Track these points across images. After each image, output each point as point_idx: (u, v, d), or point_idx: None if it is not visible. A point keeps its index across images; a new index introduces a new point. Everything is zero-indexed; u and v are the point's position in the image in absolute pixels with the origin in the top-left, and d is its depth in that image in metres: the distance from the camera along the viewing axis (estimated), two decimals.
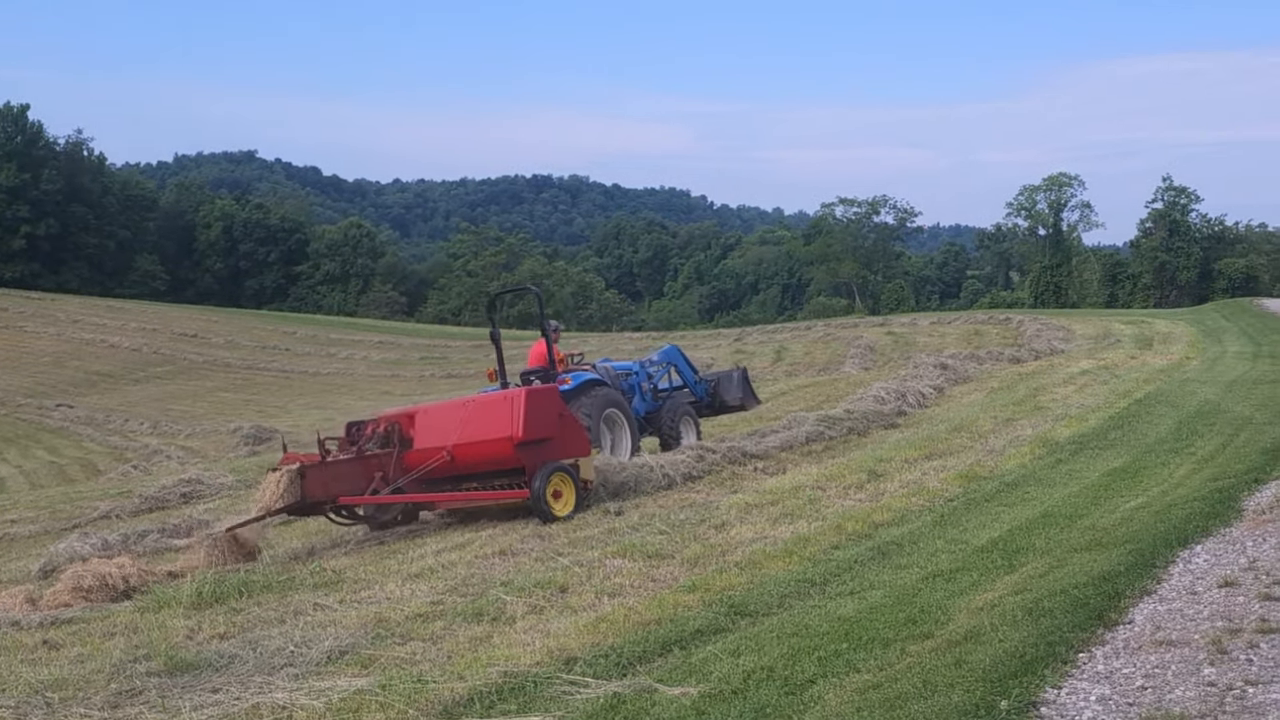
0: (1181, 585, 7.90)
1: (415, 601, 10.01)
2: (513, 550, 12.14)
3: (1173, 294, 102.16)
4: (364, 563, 12.79)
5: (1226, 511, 10.16)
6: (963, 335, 46.88)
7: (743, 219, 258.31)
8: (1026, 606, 7.61)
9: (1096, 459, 14.77)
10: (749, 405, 20.47)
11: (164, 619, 10.28)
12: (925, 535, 11.04)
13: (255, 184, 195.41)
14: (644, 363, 19.19)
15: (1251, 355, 29.36)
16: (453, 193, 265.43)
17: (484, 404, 14.83)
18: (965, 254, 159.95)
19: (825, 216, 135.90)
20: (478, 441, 14.24)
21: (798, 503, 13.00)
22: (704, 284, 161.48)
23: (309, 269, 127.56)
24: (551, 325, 17.17)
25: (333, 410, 47.17)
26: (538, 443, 13.95)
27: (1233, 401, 19.32)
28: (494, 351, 17.13)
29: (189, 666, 8.33)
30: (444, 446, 14.34)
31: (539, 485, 13.56)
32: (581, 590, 9.85)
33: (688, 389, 19.46)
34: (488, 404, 14.73)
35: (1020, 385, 24.70)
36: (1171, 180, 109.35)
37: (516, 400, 14.06)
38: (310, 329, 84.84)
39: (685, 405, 18.75)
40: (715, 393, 19.72)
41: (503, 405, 14.23)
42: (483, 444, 14.21)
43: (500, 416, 14.10)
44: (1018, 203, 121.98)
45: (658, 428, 18.11)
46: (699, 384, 19.75)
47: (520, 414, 13.81)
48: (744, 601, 8.95)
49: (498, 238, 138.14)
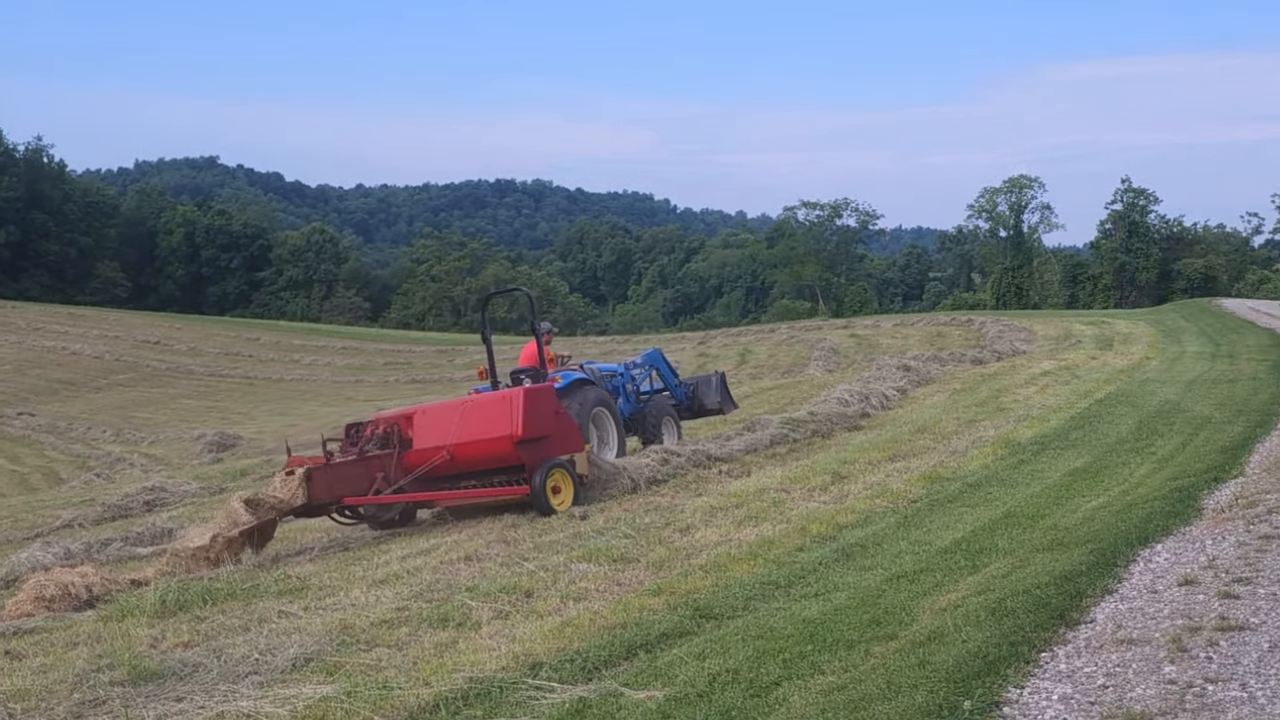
0: (1142, 584, 7.97)
1: (380, 608, 9.97)
2: (478, 555, 12.11)
3: (1133, 294, 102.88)
4: (329, 569, 12.71)
5: (1186, 510, 10.27)
6: (925, 337, 47.07)
7: (706, 222, 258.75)
8: (989, 607, 7.66)
9: (1058, 459, 14.88)
10: (727, 409, 20.75)
11: (127, 628, 10.18)
12: (889, 537, 11.10)
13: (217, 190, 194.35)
14: (628, 365, 19.60)
15: (1210, 355, 29.63)
16: (415, 198, 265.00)
17: (483, 403, 15.08)
18: (927, 256, 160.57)
19: (788, 220, 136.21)
20: (478, 440, 14.48)
21: (762, 505, 13.03)
22: (668, 288, 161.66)
23: (272, 275, 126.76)
24: (543, 327, 17.38)
25: (297, 417, 47.02)
26: (536, 440, 14.27)
27: (1192, 401, 19.51)
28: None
29: (153, 676, 8.26)
30: (444, 446, 14.58)
31: (539, 481, 13.96)
32: (547, 595, 9.84)
33: (668, 391, 19.83)
34: (486, 403, 14.99)
35: (982, 386, 24.83)
36: (1130, 182, 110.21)
37: (515, 399, 14.33)
38: (274, 335, 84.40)
39: (667, 407, 19.16)
40: (694, 396, 20.06)
41: (501, 404, 14.52)
42: (483, 442, 14.44)
43: (500, 415, 14.37)
44: (979, 205, 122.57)
45: (641, 428, 18.50)
46: (679, 387, 20.09)
47: (519, 412, 14.11)
48: (709, 604, 8.97)
49: (461, 242, 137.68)
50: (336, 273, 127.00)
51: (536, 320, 17.42)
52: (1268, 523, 9.41)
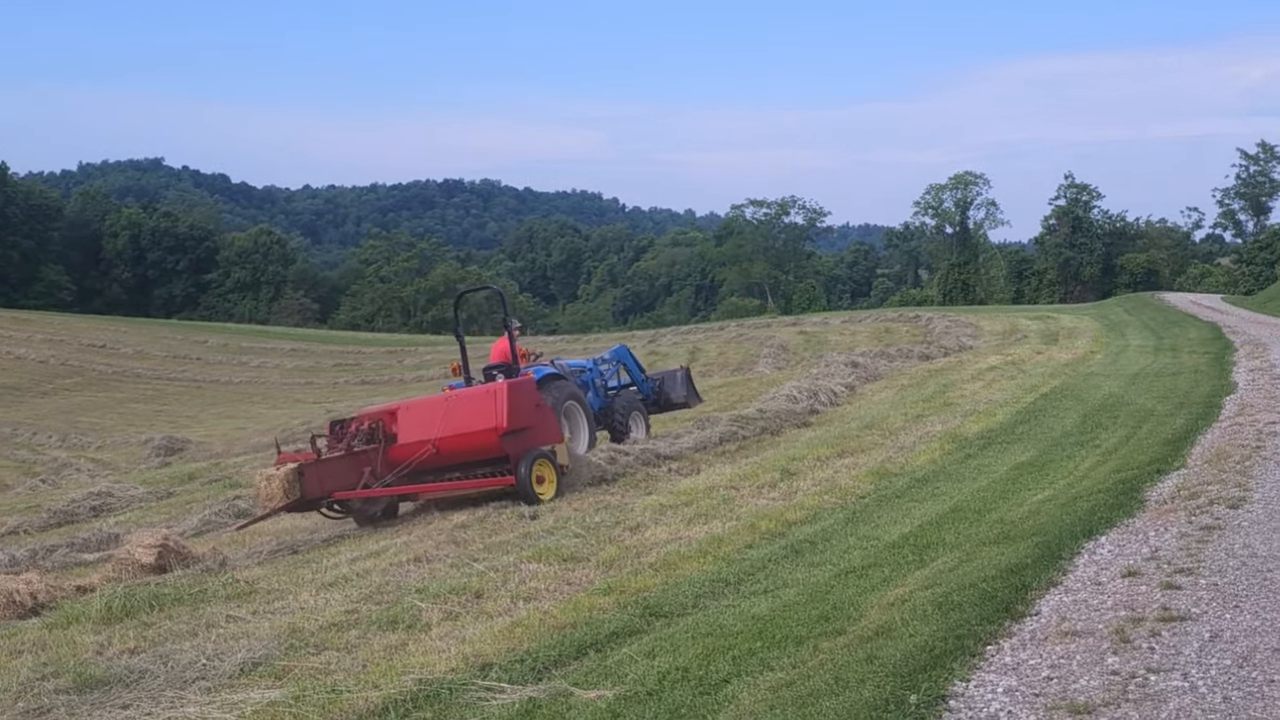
0: (1086, 576, 8.05)
1: (329, 611, 9.93)
2: (428, 557, 12.07)
3: (1077, 289, 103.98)
4: (277, 573, 12.63)
5: (1130, 502, 10.39)
6: (873, 333, 47.42)
7: (655, 221, 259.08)
8: (936, 601, 7.72)
9: (1004, 453, 15.00)
10: (692, 403, 21.05)
11: (73, 635, 10.08)
12: (838, 532, 11.15)
13: (162, 192, 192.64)
14: (596, 360, 19.94)
15: (1153, 348, 29.99)
16: (363, 198, 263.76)
17: (467, 397, 15.50)
18: (875, 253, 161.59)
19: (736, 218, 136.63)
20: (463, 433, 14.89)
21: (712, 503, 13.05)
22: (617, 286, 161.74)
23: (219, 277, 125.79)
24: (513, 324, 17.74)
25: (245, 420, 46.69)
26: (519, 432, 14.69)
27: (1136, 394, 19.72)
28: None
29: (98, 683, 8.18)
30: (429, 440, 14.97)
31: (525, 472, 14.42)
32: (497, 595, 9.82)
33: (635, 386, 20.22)
34: (470, 397, 15.41)
35: (930, 382, 25.00)
36: (1073, 178, 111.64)
37: (499, 393, 14.75)
38: (221, 338, 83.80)
39: (635, 401, 19.55)
40: (661, 390, 20.43)
41: (485, 398, 14.93)
42: (468, 435, 14.85)
43: (484, 409, 14.78)
44: (925, 202, 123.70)
45: (610, 422, 18.79)
46: (646, 382, 20.47)
47: (504, 405, 14.53)
48: (659, 603, 8.98)
49: (409, 243, 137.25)
50: (284, 274, 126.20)
51: (509, 317, 17.75)
52: (1209, 514, 9.55)
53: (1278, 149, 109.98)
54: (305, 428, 36.37)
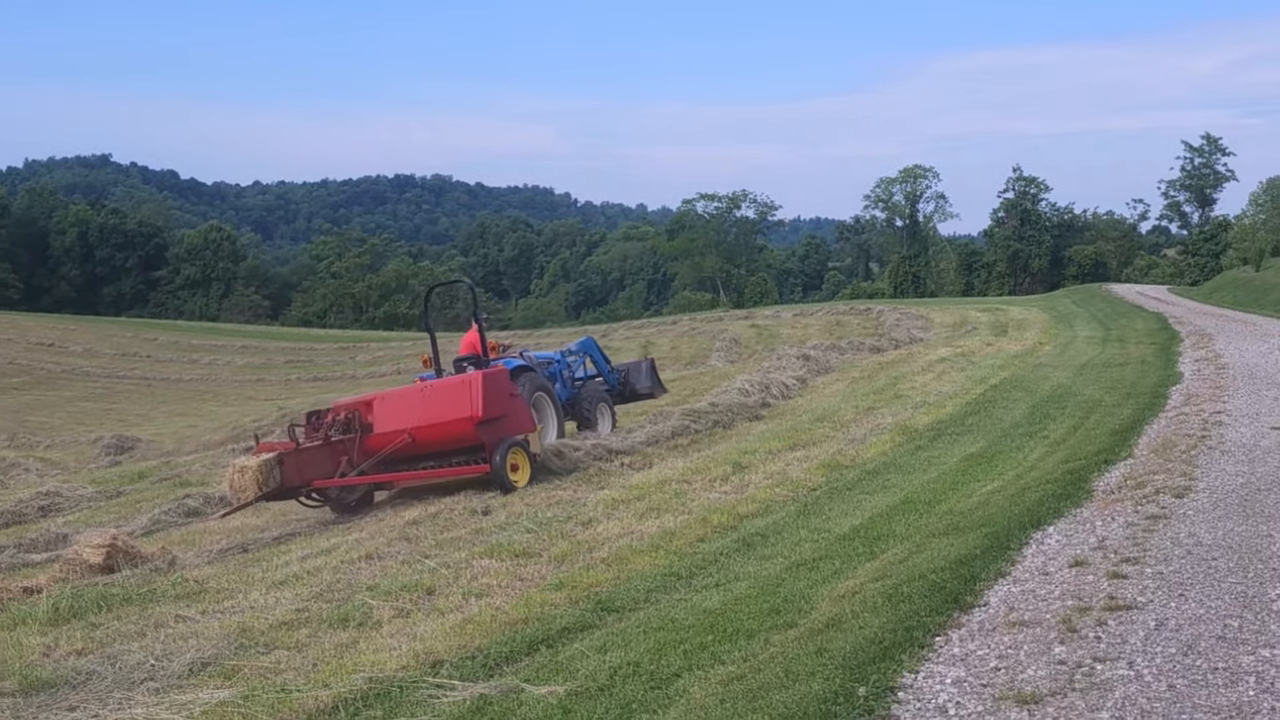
0: (1034, 566, 8.13)
1: (279, 609, 9.85)
2: (379, 554, 12.00)
3: (1026, 281, 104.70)
4: (227, 572, 12.51)
5: (1077, 493, 10.50)
6: (825, 326, 47.59)
7: (606, 216, 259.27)
8: (886, 593, 7.76)
9: (954, 445, 15.11)
10: (657, 393, 21.41)
11: (19, 636, 9.93)
12: (789, 525, 11.19)
13: (111, 189, 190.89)
14: (564, 352, 20.27)
15: (1101, 339, 30.29)
16: (314, 194, 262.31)
17: (442, 388, 15.73)
18: (826, 246, 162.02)
19: (687, 212, 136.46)
20: (439, 423, 15.18)
21: (664, 497, 13.06)
22: (570, 281, 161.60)
23: (169, 274, 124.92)
24: (483, 317, 18.10)
25: (196, 417, 46.20)
26: (494, 421, 15.04)
27: (1083, 385, 19.90)
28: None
29: (45, 685, 8.09)
30: (405, 429, 15.28)
31: (500, 460, 14.70)
32: (448, 592, 9.78)
33: (602, 378, 20.56)
34: (446, 388, 15.66)
35: (881, 374, 25.12)
36: (1021, 171, 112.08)
37: (474, 383, 15.05)
38: (172, 335, 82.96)
39: (601, 392, 19.89)
40: (626, 381, 20.84)
41: (461, 388, 15.22)
42: (444, 424, 15.14)
43: (459, 398, 15.09)
44: (875, 195, 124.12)
45: (577, 413, 19.07)
46: (611, 373, 20.83)
47: (479, 395, 14.85)
48: (611, 598, 8.99)
49: (361, 239, 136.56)
50: (235, 271, 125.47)
51: (478, 310, 18.15)
52: (1155, 503, 9.66)
53: (1222, 141, 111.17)
54: (257, 425, 36.07)
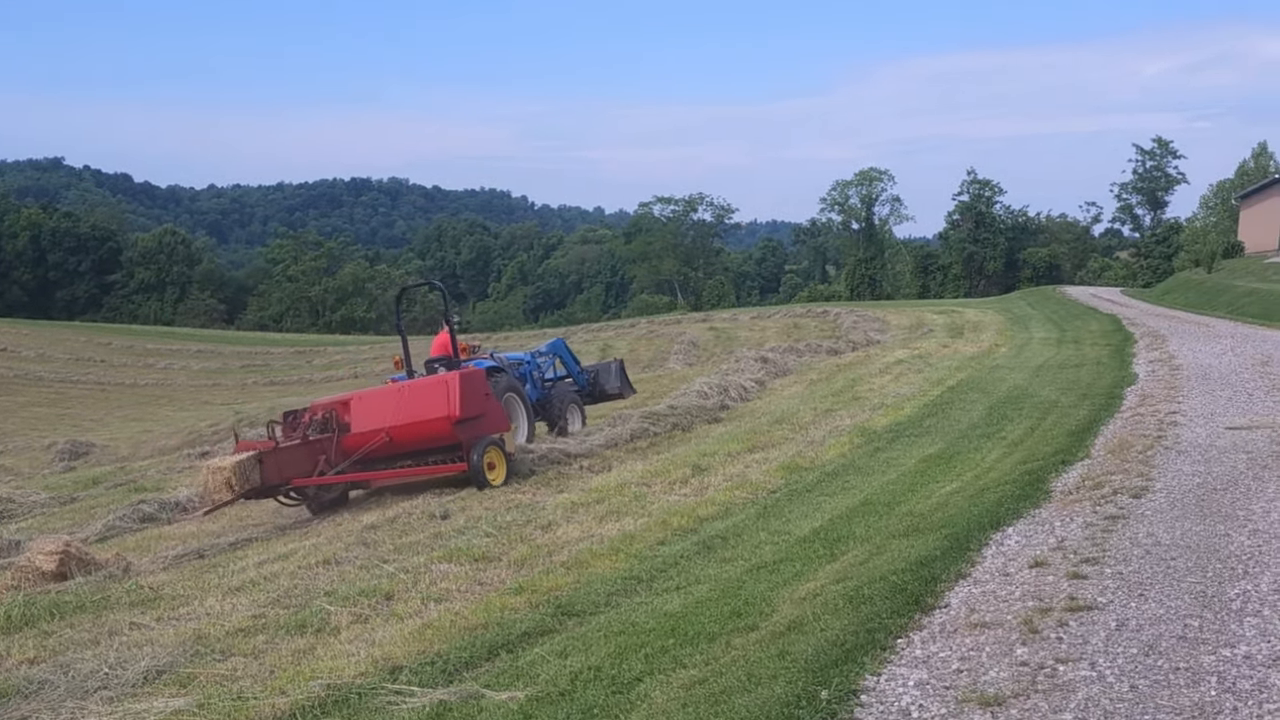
0: (994, 567, 8.13)
1: (236, 616, 9.73)
2: (337, 559, 11.88)
3: (981, 283, 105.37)
4: (183, 578, 12.36)
5: (1036, 493, 10.53)
6: (782, 329, 47.70)
7: (564, 219, 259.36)
8: (847, 595, 7.74)
9: (913, 446, 15.14)
10: (626, 394, 21.69)
11: None
12: (749, 528, 11.17)
13: (63, 192, 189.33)
14: (534, 353, 20.54)
15: (1056, 341, 30.49)
16: (270, 197, 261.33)
17: (420, 387, 15.87)
18: (782, 249, 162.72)
19: (645, 215, 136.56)
20: (416, 422, 15.35)
21: (623, 500, 13.03)
22: (528, 284, 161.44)
23: (123, 278, 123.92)
24: (453, 318, 18.26)
25: (152, 422, 45.82)
26: (471, 420, 15.24)
27: (1040, 386, 20.01)
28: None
29: None
30: (382, 429, 15.45)
31: (477, 458, 14.97)
32: (407, 597, 9.69)
33: (571, 378, 20.86)
34: (423, 387, 15.79)
35: (839, 376, 25.17)
36: (976, 174, 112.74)
37: (451, 383, 15.24)
38: (126, 339, 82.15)
39: (571, 393, 20.22)
40: (596, 382, 21.24)
41: (438, 388, 15.39)
42: (421, 424, 15.31)
43: (437, 398, 15.26)
44: (831, 198, 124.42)
45: (547, 413, 19.40)
46: (581, 374, 21.16)
47: (456, 394, 15.05)
48: (571, 602, 8.93)
49: (317, 242, 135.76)
50: (190, 275, 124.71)
51: (449, 312, 18.26)
52: (1113, 503, 9.71)
53: (1173, 144, 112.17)
54: (213, 430, 35.85)
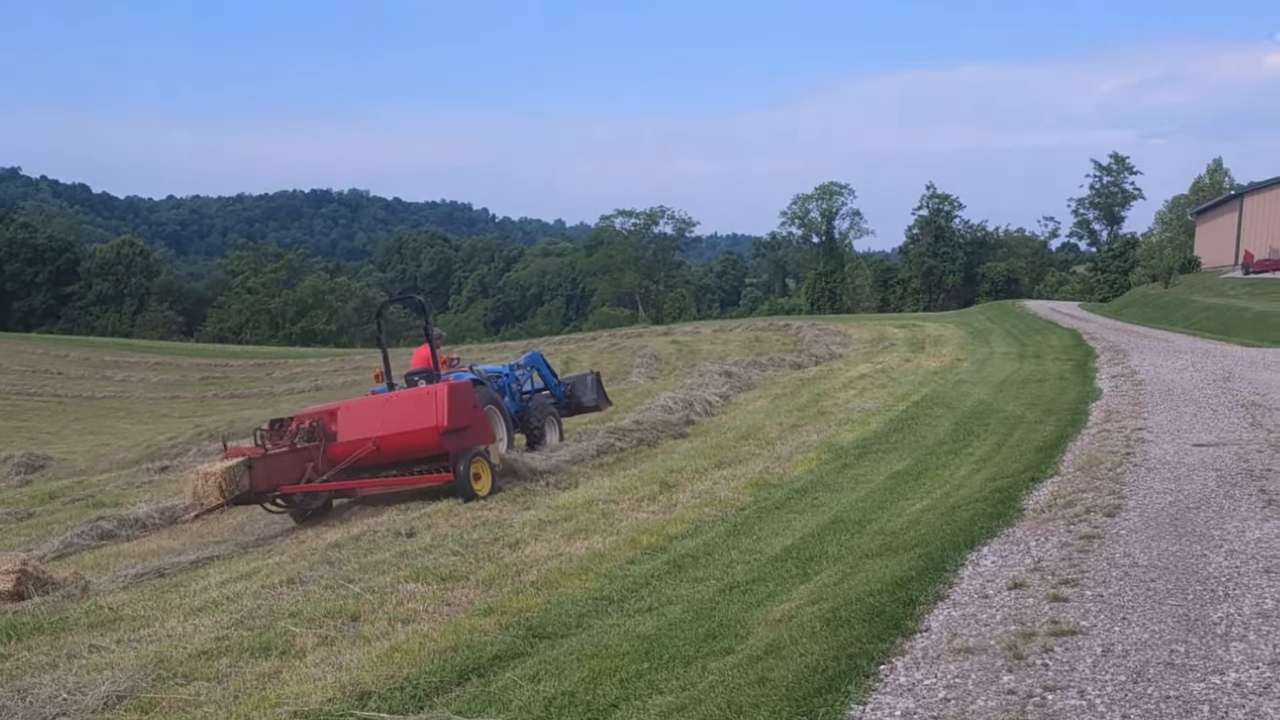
0: (973, 589, 8.02)
1: (198, 638, 9.52)
2: (301, 578, 11.68)
3: (940, 297, 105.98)
4: (144, 598, 12.12)
5: (1008, 511, 10.45)
6: (744, 342, 47.64)
7: (525, 231, 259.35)
8: (824, 617, 7.63)
9: (880, 462, 15.08)
10: (602, 406, 21.79)
11: None
12: (720, 546, 11.06)
13: (19, 202, 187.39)
14: (512, 366, 20.66)
15: (1018, 355, 30.60)
16: (229, 209, 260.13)
17: (408, 398, 16.10)
18: (743, 262, 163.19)
19: (606, 228, 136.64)
20: (404, 432, 15.56)
21: (591, 517, 12.89)
22: (489, 297, 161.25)
23: (80, 289, 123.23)
24: (435, 332, 18.37)
25: (109, 435, 45.35)
26: (458, 431, 15.43)
27: (1004, 401, 20.03)
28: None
29: None
30: (369, 438, 15.65)
31: (463, 468, 15.15)
32: (374, 618, 9.51)
33: (549, 391, 20.91)
34: (412, 398, 16.02)
35: (803, 391, 25.12)
36: (935, 188, 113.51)
37: (440, 394, 15.45)
38: (84, 351, 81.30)
39: (549, 405, 20.28)
40: (573, 394, 21.26)
41: (427, 398, 15.57)
42: (409, 434, 15.52)
43: (425, 408, 15.45)
44: (791, 211, 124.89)
45: (525, 426, 19.40)
46: (559, 386, 21.22)
47: (444, 405, 15.25)
48: (542, 623, 8.77)
49: (277, 254, 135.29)
50: (148, 286, 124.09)
51: (430, 325, 18.40)
52: (1087, 522, 9.64)
53: (1129, 160, 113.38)
54: (172, 443, 35.49)
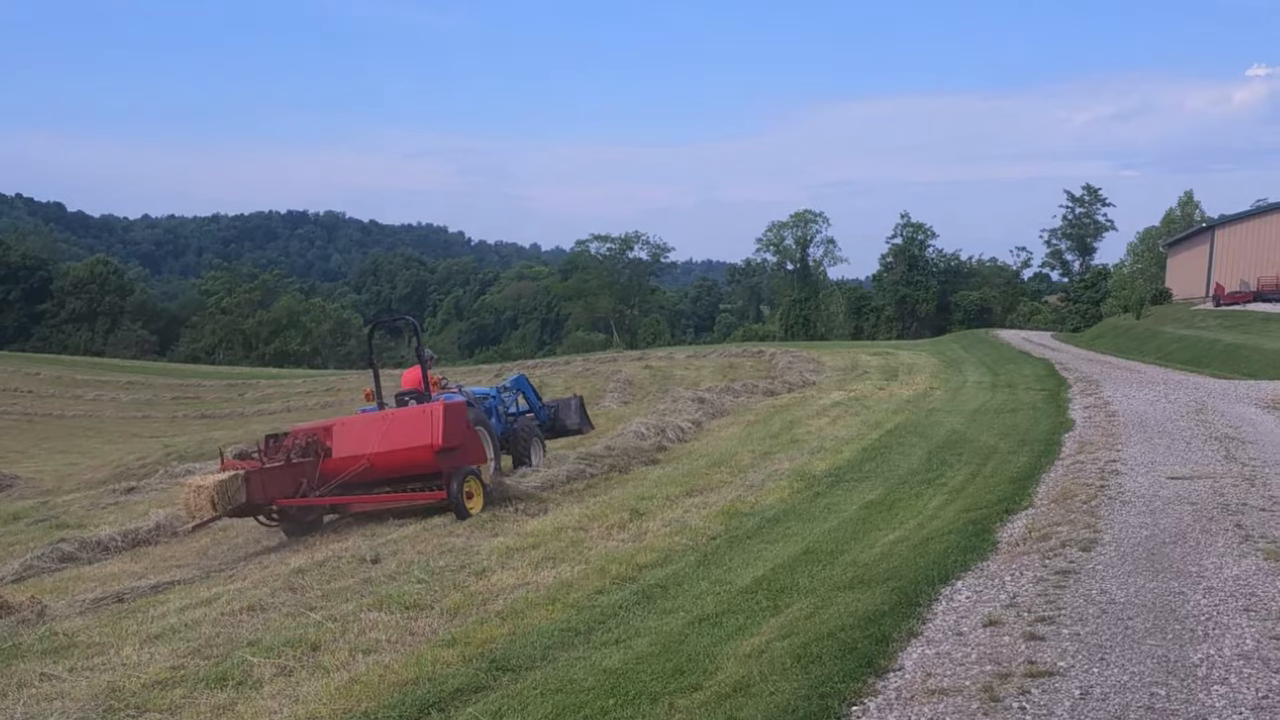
0: (946, 625, 7.84)
1: (154, 667, 9.29)
2: (262, 605, 11.44)
3: (913, 325, 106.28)
4: (99, 624, 11.86)
5: (982, 544, 10.30)
6: (718, 368, 47.49)
7: (500, 255, 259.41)
8: (795, 653, 7.45)
9: (853, 492, 14.95)
10: (585, 429, 21.92)
11: None
12: (689, 576, 10.89)
13: None
14: (499, 388, 20.92)
15: (990, 385, 30.55)
16: (205, 229, 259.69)
17: (403, 416, 16.27)
18: (718, 288, 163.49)
19: (581, 252, 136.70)
20: (399, 449, 15.78)
21: (560, 545, 12.71)
22: (464, 320, 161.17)
23: (53, 308, 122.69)
24: (426, 354, 18.49)
25: (79, 455, 44.88)
26: (452, 449, 15.70)
27: (977, 431, 19.94)
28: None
29: None
30: (364, 454, 15.90)
31: (457, 487, 15.35)
32: (335, 648, 9.29)
33: (533, 413, 21.19)
34: (407, 417, 16.19)
35: (776, 418, 25.00)
36: (909, 217, 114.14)
37: (435, 412, 15.70)
38: (55, 370, 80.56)
39: (534, 427, 20.44)
40: (556, 417, 21.46)
41: (422, 417, 15.82)
42: (404, 451, 15.75)
43: (420, 427, 15.70)
44: (766, 238, 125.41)
45: (512, 447, 19.57)
46: (543, 409, 21.45)
47: (439, 424, 15.51)
48: (506, 655, 8.57)
49: (252, 274, 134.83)
50: (122, 305, 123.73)
51: (421, 347, 18.49)
52: (1062, 557, 9.50)
53: (1101, 191, 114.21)
54: (141, 463, 35.09)
